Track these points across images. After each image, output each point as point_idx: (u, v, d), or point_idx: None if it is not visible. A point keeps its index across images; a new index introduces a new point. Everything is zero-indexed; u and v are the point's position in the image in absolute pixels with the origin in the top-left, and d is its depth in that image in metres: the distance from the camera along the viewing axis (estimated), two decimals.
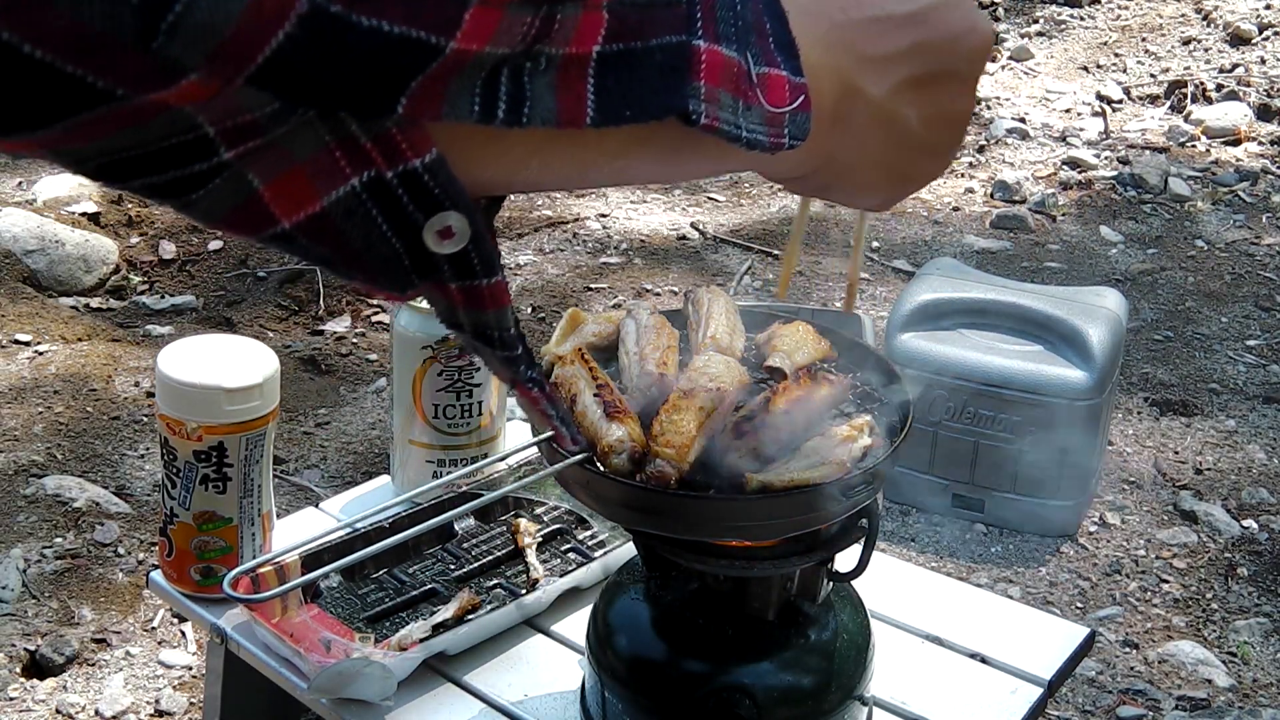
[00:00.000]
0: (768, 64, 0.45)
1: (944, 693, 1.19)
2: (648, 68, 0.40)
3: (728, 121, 0.43)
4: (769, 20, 0.46)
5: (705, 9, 0.42)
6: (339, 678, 1.10)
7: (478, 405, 1.40)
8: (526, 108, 0.37)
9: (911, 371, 2.25)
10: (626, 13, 0.39)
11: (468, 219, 0.37)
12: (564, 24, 0.37)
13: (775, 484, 0.87)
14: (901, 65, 0.53)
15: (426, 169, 0.36)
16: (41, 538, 2.14)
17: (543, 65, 0.37)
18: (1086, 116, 4.53)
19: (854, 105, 0.52)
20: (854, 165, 0.55)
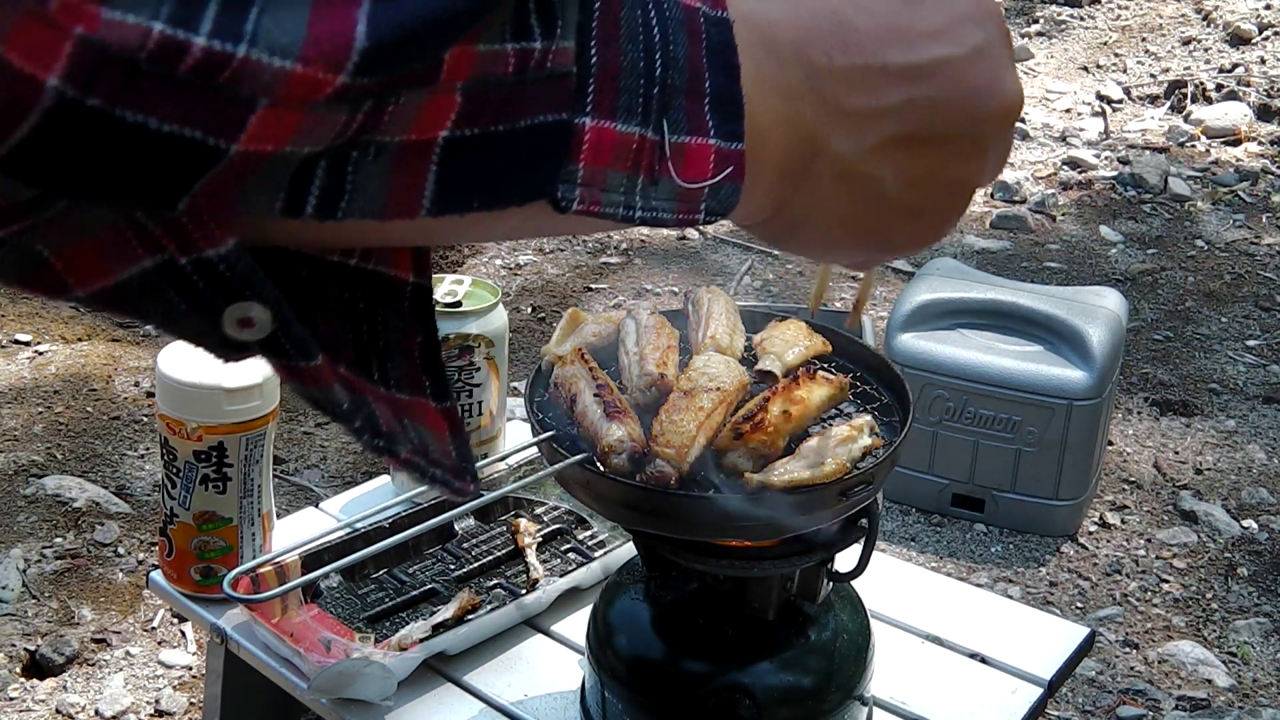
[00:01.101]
0: (692, 132, 0.41)
1: (944, 693, 1.19)
2: (510, 152, 0.36)
3: (614, 203, 0.40)
4: (712, 75, 0.41)
5: (603, 80, 0.38)
6: (339, 678, 1.10)
7: (478, 405, 1.40)
8: (344, 201, 0.34)
9: (911, 371, 2.26)
10: (488, 94, 0.35)
11: (271, 310, 0.34)
12: (399, 112, 0.34)
13: (775, 484, 0.88)
14: (886, 122, 0.47)
15: (221, 259, 0.33)
16: (41, 538, 2.14)
17: (372, 155, 0.34)
18: (1086, 116, 4.53)
19: (814, 161, 0.47)
20: (812, 222, 0.49)
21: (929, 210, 0.51)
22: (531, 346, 2.91)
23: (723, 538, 0.94)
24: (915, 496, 2.38)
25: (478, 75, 0.35)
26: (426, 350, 0.44)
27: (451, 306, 1.36)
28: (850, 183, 0.48)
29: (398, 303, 0.43)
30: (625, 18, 0.39)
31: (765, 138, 0.44)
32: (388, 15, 0.32)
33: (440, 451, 0.45)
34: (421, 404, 0.44)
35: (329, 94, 0.31)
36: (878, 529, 0.98)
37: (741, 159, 0.43)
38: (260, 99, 0.31)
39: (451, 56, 0.34)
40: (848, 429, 0.93)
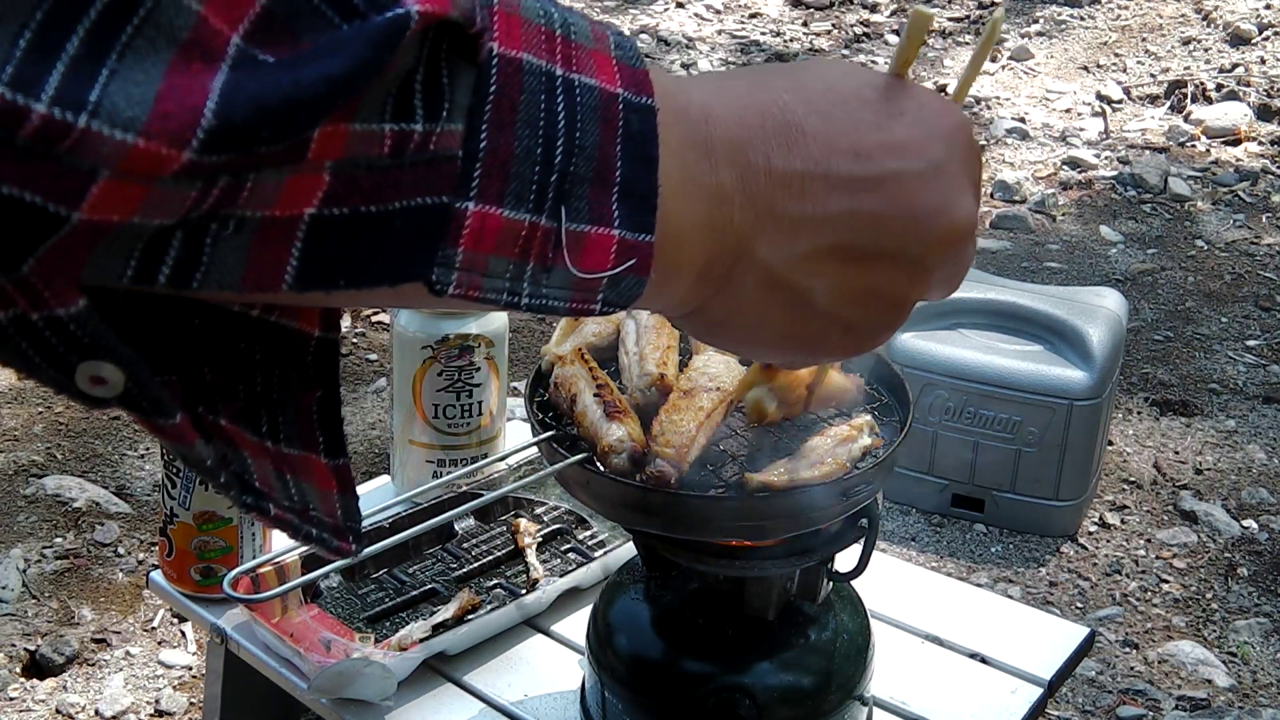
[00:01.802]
0: (594, 222, 0.39)
1: (944, 693, 1.19)
2: (382, 233, 0.35)
3: (497, 289, 0.38)
4: (624, 165, 0.39)
5: (491, 166, 0.36)
6: (339, 678, 1.11)
7: (478, 405, 1.40)
8: (199, 273, 0.33)
9: (911, 371, 2.26)
10: (359, 175, 0.34)
11: (123, 370, 0.34)
12: (260, 189, 0.32)
13: (775, 484, 0.88)
14: (821, 233, 0.45)
15: (71, 319, 0.32)
16: (41, 538, 2.14)
17: (231, 229, 0.33)
18: (1086, 116, 4.53)
19: (738, 266, 0.45)
20: (735, 324, 0.47)
21: (859, 324, 0.49)
22: (531, 346, 2.91)
23: (723, 538, 0.94)
24: (915, 496, 2.38)
25: (349, 155, 0.34)
26: (324, 406, 0.43)
27: None
28: (776, 291, 0.46)
29: (300, 358, 0.42)
30: (524, 103, 0.37)
31: (685, 239, 0.43)
32: (243, 90, 0.31)
33: (324, 510, 0.44)
34: (311, 460, 0.43)
35: (175, 170, 0.31)
36: (878, 529, 0.98)
37: (649, 252, 0.41)
38: (101, 170, 0.30)
39: (322, 134, 0.33)
40: (848, 429, 0.93)
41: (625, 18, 5.44)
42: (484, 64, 0.36)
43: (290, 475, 0.43)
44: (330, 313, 0.42)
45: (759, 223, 0.44)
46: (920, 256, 0.47)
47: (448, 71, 0.35)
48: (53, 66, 0.29)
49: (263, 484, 0.42)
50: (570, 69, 0.38)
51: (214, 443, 0.40)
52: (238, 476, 0.41)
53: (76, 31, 0.29)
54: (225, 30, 0.31)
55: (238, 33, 0.31)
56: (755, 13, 5.58)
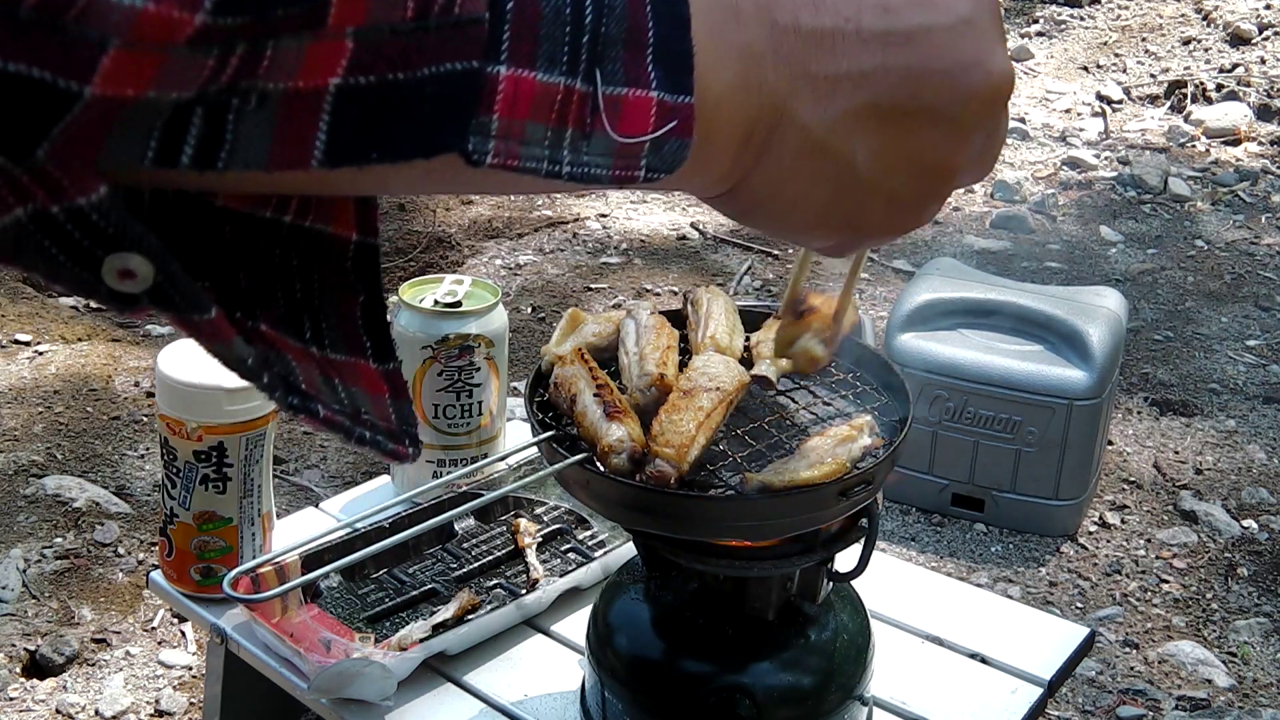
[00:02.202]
0: (630, 84, 0.38)
1: (944, 693, 1.19)
2: (413, 101, 0.34)
3: (536, 157, 0.37)
4: (656, 26, 0.38)
5: (519, 29, 0.35)
6: (339, 678, 1.11)
7: (478, 405, 1.40)
8: (224, 152, 0.32)
9: (911, 371, 2.26)
10: (383, 40, 0.33)
11: (152, 262, 0.32)
12: (279, 58, 0.31)
13: (775, 484, 0.88)
14: (857, 90, 0.44)
15: (94, 208, 0.31)
16: (41, 538, 2.14)
17: (254, 103, 0.32)
18: (1086, 116, 4.53)
19: (777, 130, 0.43)
20: (777, 198, 0.46)
21: (904, 195, 0.47)
22: (531, 346, 2.91)
23: (722, 537, 0.94)
24: (915, 496, 2.38)
25: (372, 21, 0.33)
26: (369, 311, 0.42)
27: (451, 306, 1.36)
28: (817, 157, 0.44)
29: (339, 262, 0.41)
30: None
31: (721, 102, 0.41)
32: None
33: (378, 414, 0.43)
34: (359, 365, 0.42)
35: (189, 35, 0.29)
36: (878, 529, 0.98)
37: (690, 113, 0.40)
38: (111, 39, 0.29)
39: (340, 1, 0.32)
40: (848, 429, 0.93)
41: None
42: None
43: (339, 380, 0.41)
44: (367, 215, 0.41)
45: (794, 83, 0.43)
46: (959, 115, 0.46)
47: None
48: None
49: (309, 387, 0.40)
50: None
51: (254, 345, 0.39)
52: (282, 378, 0.39)
53: None
54: None
55: None
56: None
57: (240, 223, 0.39)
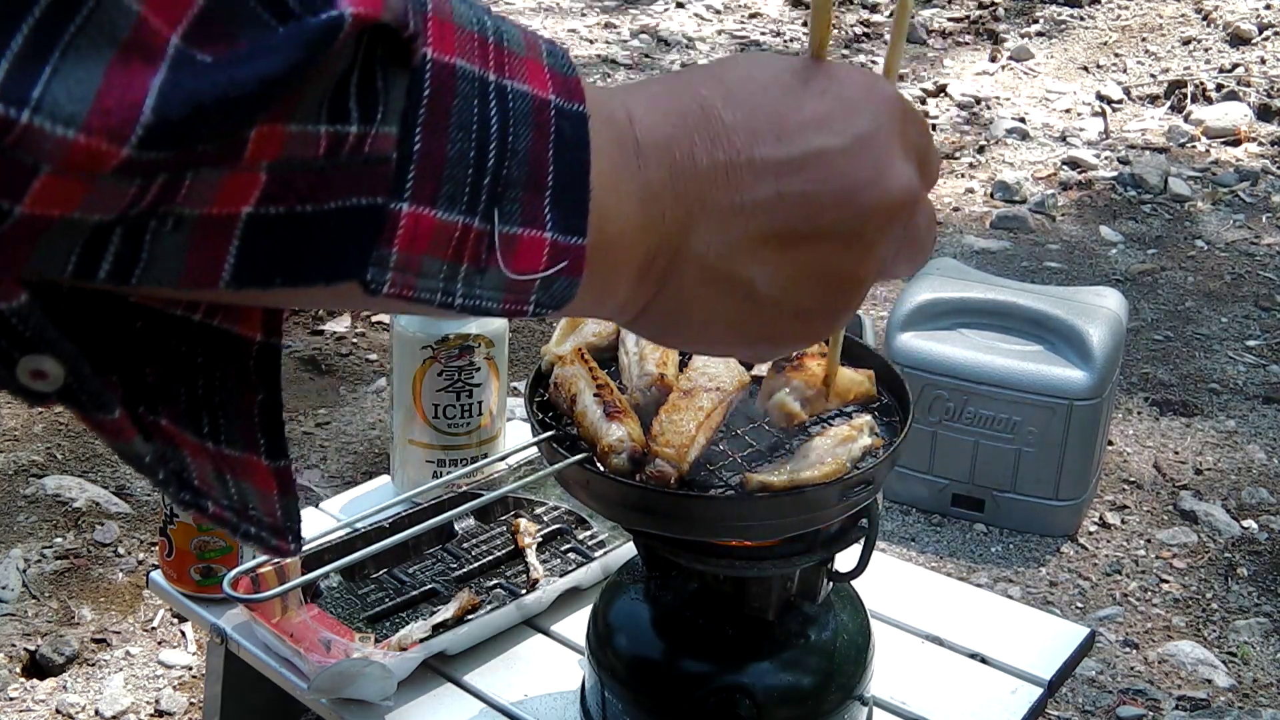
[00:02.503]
0: (526, 224, 0.40)
1: (944, 693, 1.19)
2: (318, 232, 0.36)
3: (430, 289, 0.39)
4: (556, 170, 0.40)
5: (424, 169, 0.37)
6: (339, 678, 1.10)
7: (478, 405, 1.40)
8: (139, 269, 0.34)
9: (911, 371, 2.26)
10: (295, 175, 0.35)
11: (64, 365, 0.34)
12: (196, 188, 0.33)
13: (775, 484, 0.88)
14: (754, 219, 0.45)
15: (13, 313, 0.33)
16: (41, 538, 2.14)
17: (170, 225, 0.34)
18: (1086, 116, 4.53)
19: (675, 262, 0.45)
20: (683, 321, 0.48)
21: (812, 307, 0.49)
22: (531, 346, 2.91)
23: (722, 537, 0.94)
24: (915, 496, 2.38)
25: (286, 156, 0.34)
26: (266, 409, 0.43)
27: None
28: (717, 284, 0.46)
29: (242, 361, 0.43)
30: (457, 108, 0.38)
31: (620, 238, 0.43)
32: (181, 88, 0.31)
33: (264, 510, 0.44)
34: (252, 461, 0.43)
35: (114, 166, 0.31)
36: (878, 529, 0.98)
37: (580, 254, 0.41)
38: (43, 165, 0.30)
39: (259, 135, 0.33)
40: (848, 429, 0.93)
41: (625, 17, 5.44)
42: (417, 68, 0.37)
43: (230, 475, 0.43)
44: (272, 317, 0.43)
45: (690, 217, 0.45)
46: (859, 231, 0.47)
47: (382, 75, 0.36)
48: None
49: (202, 483, 0.42)
50: (503, 75, 0.39)
51: (153, 441, 0.40)
52: (176, 474, 0.41)
53: (20, 30, 0.30)
54: (165, 30, 0.31)
55: (177, 33, 0.32)
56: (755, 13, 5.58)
57: (151, 318, 0.41)
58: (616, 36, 5.23)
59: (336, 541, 1.26)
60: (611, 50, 5.08)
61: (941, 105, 4.61)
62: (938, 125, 4.44)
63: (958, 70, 4.96)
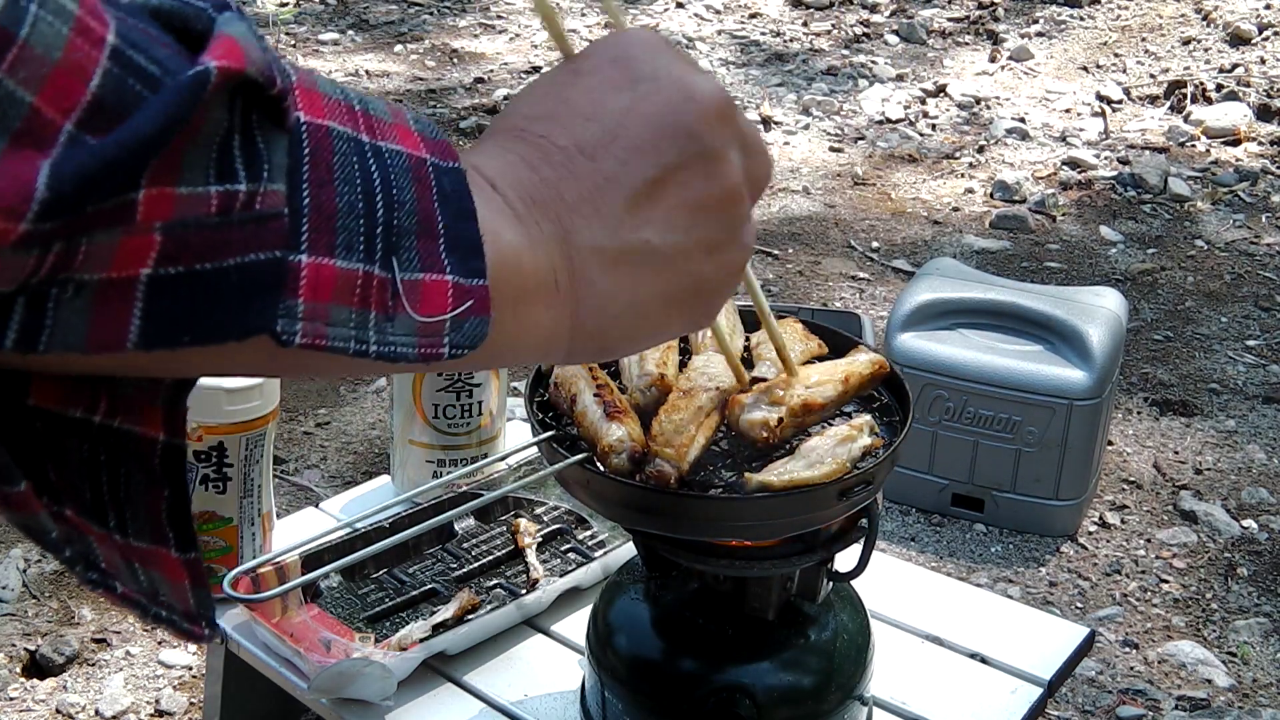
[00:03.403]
0: (426, 269, 0.41)
1: (944, 693, 1.19)
2: (219, 289, 0.36)
3: (343, 338, 0.40)
4: (445, 218, 0.42)
5: (316, 221, 0.38)
6: (339, 678, 1.11)
7: (478, 405, 1.40)
8: (45, 336, 0.35)
9: (911, 371, 2.26)
10: (189, 235, 0.36)
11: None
12: (93, 252, 0.34)
13: (775, 484, 0.87)
14: (612, 190, 0.47)
15: None
16: None
17: (71, 292, 0.35)
18: (1086, 116, 4.53)
19: (576, 265, 0.47)
20: (616, 318, 0.49)
21: (715, 236, 0.50)
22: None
23: (722, 537, 0.94)
24: (915, 496, 2.38)
25: (178, 217, 0.35)
26: (173, 505, 0.44)
27: None
28: (622, 263, 0.48)
29: (146, 460, 0.43)
30: (339, 164, 0.39)
31: (517, 267, 0.45)
32: (70, 161, 0.33)
33: (176, 597, 0.45)
34: (162, 553, 0.44)
35: (13, 240, 0.32)
36: (878, 529, 0.98)
37: (485, 294, 0.43)
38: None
39: (149, 198, 0.34)
40: (847, 429, 0.93)
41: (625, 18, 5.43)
42: (294, 129, 0.38)
43: (139, 564, 0.43)
44: (175, 417, 0.44)
45: (562, 219, 0.47)
46: (701, 149, 0.49)
47: (262, 137, 0.37)
48: None
49: (110, 566, 0.42)
50: (376, 137, 0.41)
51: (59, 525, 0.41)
52: (82, 555, 0.41)
53: None
54: (58, 120, 0.33)
55: (70, 121, 0.33)
56: (755, 13, 5.58)
57: (50, 420, 0.41)
58: None
59: (336, 541, 1.26)
60: None
61: (941, 105, 4.61)
62: (937, 125, 4.44)
63: (958, 70, 4.96)
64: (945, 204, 3.86)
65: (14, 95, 0.32)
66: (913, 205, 3.84)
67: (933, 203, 3.87)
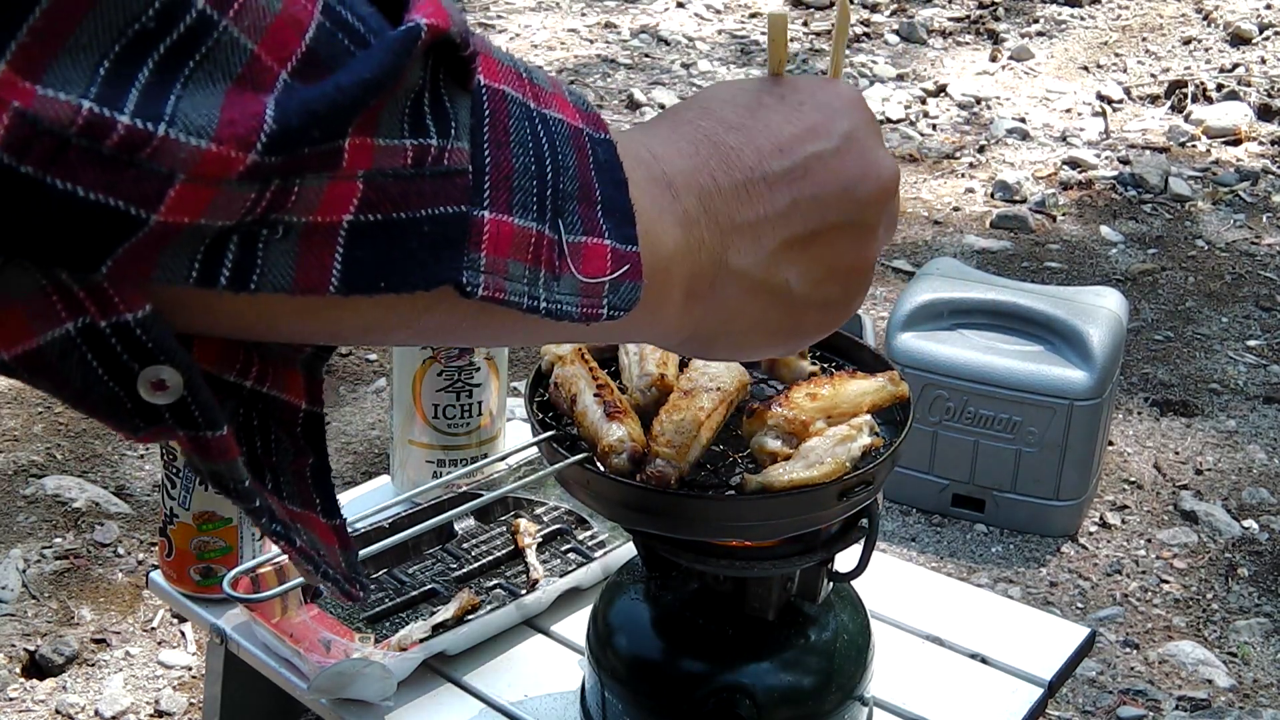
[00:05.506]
0: (587, 233, 0.44)
1: (944, 693, 1.19)
2: (412, 239, 0.38)
3: (519, 292, 0.42)
4: (601, 187, 0.44)
5: (497, 179, 0.41)
6: (339, 678, 1.10)
7: (478, 405, 1.40)
8: (255, 275, 0.36)
9: (911, 371, 2.25)
10: (387, 184, 0.37)
11: (182, 374, 0.36)
12: (303, 195, 0.36)
13: (775, 484, 0.87)
14: (777, 228, 0.50)
15: (139, 323, 0.35)
16: (41, 538, 2.14)
17: (280, 233, 0.36)
18: (1087, 116, 4.53)
19: (719, 279, 0.50)
20: (728, 334, 0.53)
21: (836, 298, 0.54)
22: (531, 347, 2.91)
23: (722, 537, 0.94)
24: (915, 496, 2.38)
25: (377, 166, 0.37)
26: (317, 472, 0.46)
27: None
28: (759, 293, 0.51)
29: (290, 426, 0.45)
30: (514, 128, 0.41)
31: (670, 264, 0.47)
32: (292, 100, 0.34)
33: (330, 561, 0.46)
34: (312, 518, 0.46)
35: (240, 171, 0.34)
36: (878, 529, 0.98)
37: (637, 260, 0.45)
38: (178, 174, 0.33)
39: (352, 147, 0.36)
40: (847, 429, 0.93)
41: (625, 17, 5.44)
42: (475, 91, 0.40)
43: (299, 524, 0.45)
44: (314, 387, 0.45)
45: (724, 237, 0.49)
46: (863, 219, 0.53)
47: (448, 95, 0.39)
48: (129, 89, 0.32)
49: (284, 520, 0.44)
50: (541, 105, 0.43)
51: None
52: (268, 508, 0.43)
53: (146, 64, 0.33)
54: (275, 68, 0.35)
55: (285, 70, 0.35)
56: (755, 13, 5.58)
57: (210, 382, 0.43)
58: (616, 36, 5.23)
59: None
60: (611, 50, 5.08)
61: (941, 105, 4.61)
62: (938, 125, 4.44)
63: (958, 70, 4.96)
64: (945, 204, 3.86)
65: (238, 42, 0.34)
66: (913, 205, 3.84)
67: (933, 202, 3.87)
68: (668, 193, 0.48)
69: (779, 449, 0.91)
